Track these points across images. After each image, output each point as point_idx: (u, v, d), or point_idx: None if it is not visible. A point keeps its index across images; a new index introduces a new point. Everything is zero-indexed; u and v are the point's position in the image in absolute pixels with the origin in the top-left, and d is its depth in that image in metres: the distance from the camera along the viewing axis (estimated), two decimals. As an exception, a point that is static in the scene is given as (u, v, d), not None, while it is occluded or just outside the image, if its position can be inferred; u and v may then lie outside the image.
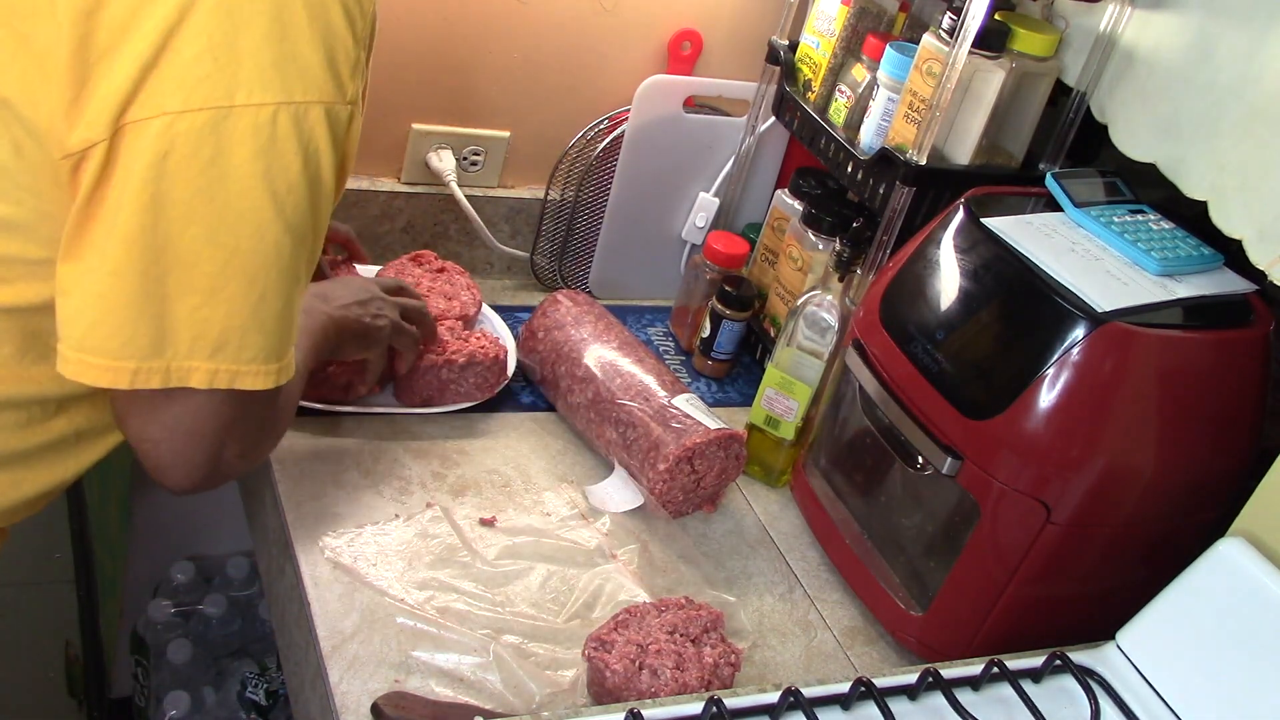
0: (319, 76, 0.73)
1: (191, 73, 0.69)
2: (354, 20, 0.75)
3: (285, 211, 0.73)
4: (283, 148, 0.72)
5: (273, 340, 0.77)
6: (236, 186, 0.71)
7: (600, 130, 1.42)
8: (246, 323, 0.75)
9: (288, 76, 0.71)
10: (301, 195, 0.74)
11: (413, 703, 0.88)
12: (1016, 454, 0.92)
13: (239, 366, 0.76)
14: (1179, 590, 0.88)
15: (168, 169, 0.69)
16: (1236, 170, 0.99)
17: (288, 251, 0.75)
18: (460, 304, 1.27)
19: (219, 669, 1.57)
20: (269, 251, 0.74)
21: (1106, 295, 0.92)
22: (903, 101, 1.16)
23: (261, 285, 0.75)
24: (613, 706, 0.77)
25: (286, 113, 0.71)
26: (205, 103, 0.69)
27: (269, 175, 0.72)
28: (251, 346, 0.76)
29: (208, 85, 0.69)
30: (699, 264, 1.40)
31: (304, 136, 0.72)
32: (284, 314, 0.77)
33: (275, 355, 0.78)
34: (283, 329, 0.78)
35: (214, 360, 0.75)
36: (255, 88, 0.70)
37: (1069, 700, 0.86)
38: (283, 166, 0.72)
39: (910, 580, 1.06)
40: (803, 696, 0.78)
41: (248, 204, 0.72)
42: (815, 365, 1.18)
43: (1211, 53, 1.02)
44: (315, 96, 0.72)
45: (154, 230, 0.71)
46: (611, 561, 1.08)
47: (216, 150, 0.70)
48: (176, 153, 0.69)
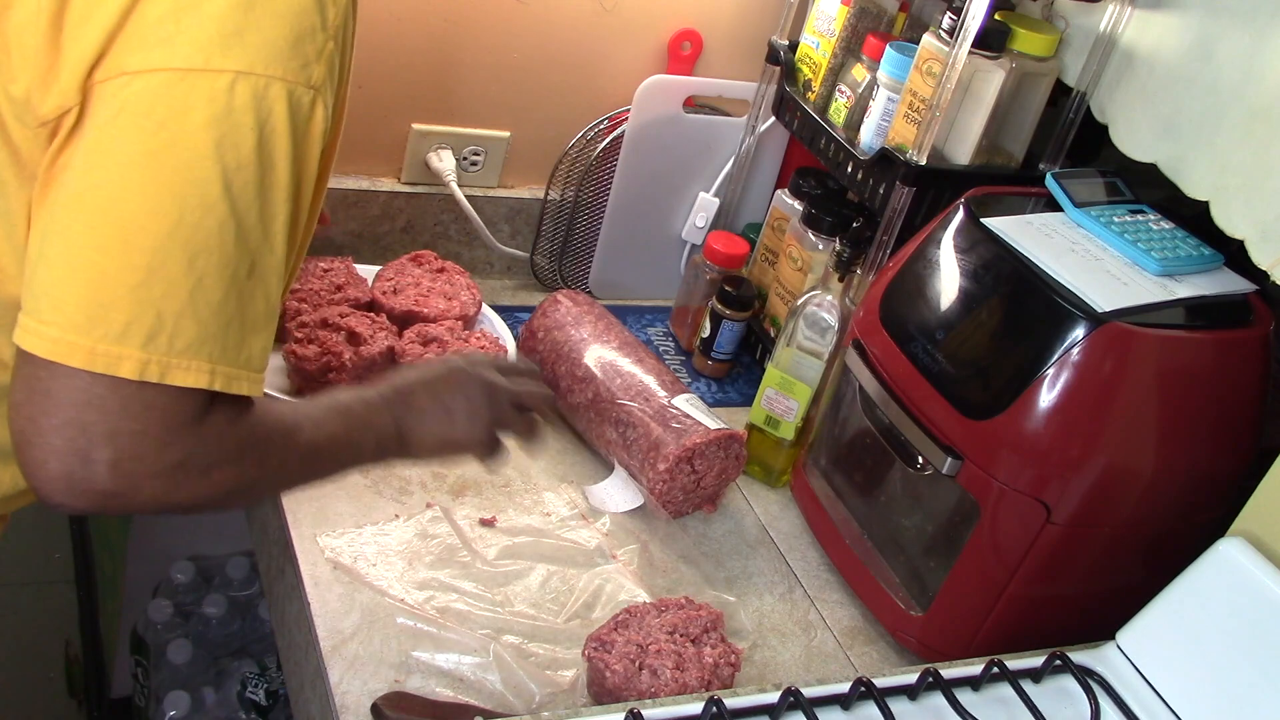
0: (283, 51, 0.70)
1: (154, 33, 0.67)
2: (325, 5, 0.72)
3: (233, 189, 0.69)
4: (238, 119, 0.68)
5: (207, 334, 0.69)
6: (186, 154, 0.67)
7: (600, 130, 1.42)
8: (182, 308, 0.68)
9: (250, 47, 0.68)
10: (251, 175, 0.69)
11: (413, 703, 0.88)
12: (1016, 454, 0.92)
13: (170, 358, 0.68)
14: (1179, 590, 0.88)
15: (118, 128, 0.67)
16: (1238, 170, 0.99)
17: (230, 237, 0.69)
18: (460, 304, 1.27)
19: (219, 669, 1.57)
20: (212, 230, 0.69)
21: (1106, 295, 0.92)
22: (903, 101, 1.16)
23: (200, 268, 0.68)
24: (613, 706, 0.77)
25: (245, 83, 0.68)
26: (162, 64, 0.67)
27: (220, 146, 0.68)
28: (184, 335, 0.68)
29: (166, 47, 0.67)
30: (699, 264, 1.40)
31: (261, 112, 0.69)
32: (223, 309, 0.70)
33: (209, 354, 0.70)
34: (219, 327, 0.70)
35: (147, 349, 0.67)
36: (215, 54, 0.67)
37: (1069, 700, 0.86)
38: (235, 141, 0.68)
39: (910, 580, 1.06)
40: (803, 696, 0.78)
41: (196, 174, 0.68)
42: (815, 365, 1.18)
43: (1212, 53, 1.02)
44: (278, 72, 0.69)
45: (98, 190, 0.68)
46: (612, 561, 1.08)
47: (169, 112, 0.67)
48: (127, 111, 0.67)
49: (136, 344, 0.67)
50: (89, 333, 0.66)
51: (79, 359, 0.66)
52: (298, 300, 1.20)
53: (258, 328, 0.73)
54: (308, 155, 0.74)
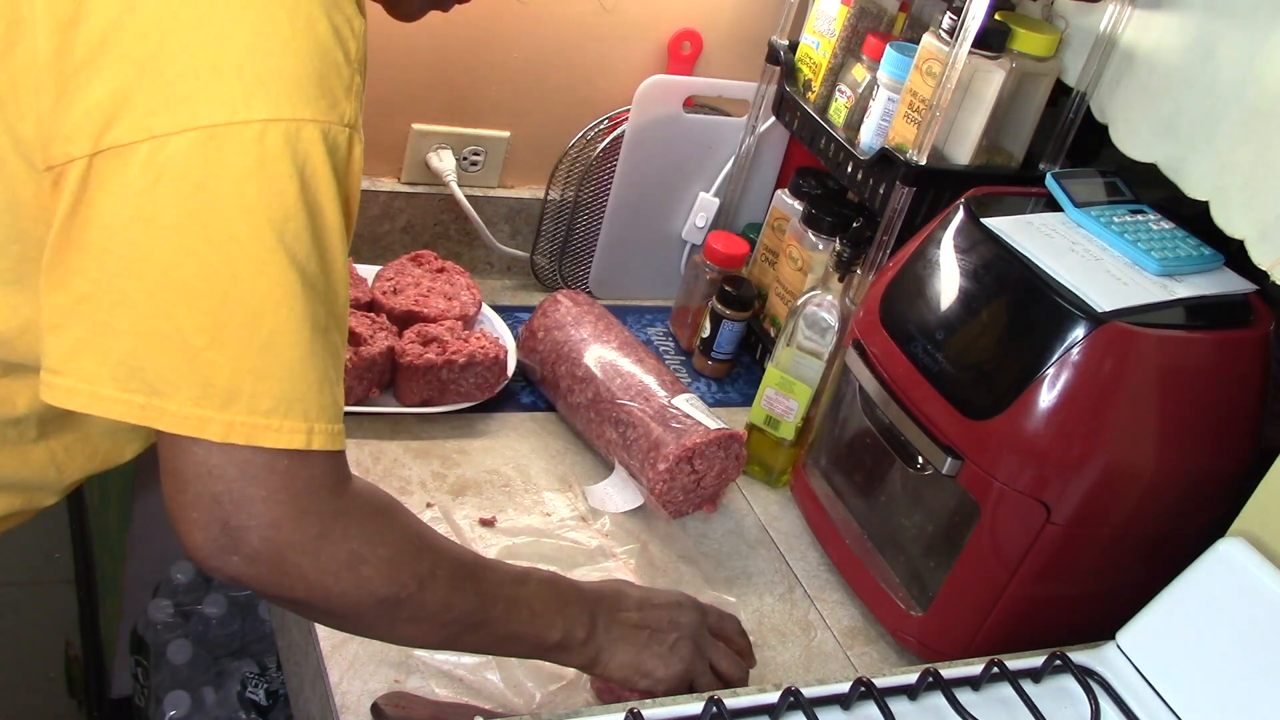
0: (309, 93, 0.67)
1: (176, 91, 0.65)
2: (344, 39, 0.70)
3: (286, 242, 0.67)
4: (274, 169, 0.66)
5: (295, 392, 0.68)
6: (229, 210, 0.66)
7: (600, 130, 1.42)
8: (257, 367, 0.67)
9: (274, 93, 0.66)
10: (302, 224, 0.68)
11: (413, 703, 0.88)
12: (1016, 454, 0.92)
13: (256, 419, 0.67)
14: (1179, 590, 0.88)
15: (159, 194, 0.66)
16: (1238, 170, 0.99)
17: (297, 290, 0.67)
18: (460, 304, 1.27)
19: (219, 669, 1.57)
20: (273, 286, 0.67)
21: (1106, 295, 0.92)
22: (903, 101, 1.16)
23: (270, 325, 0.67)
24: (613, 706, 0.77)
25: (276, 130, 0.66)
26: (189, 123, 0.65)
27: (262, 198, 0.66)
28: (267, 396, 0.67)
29: (191, 105, 0.65)
30: (699, 264, 1.40)
31: (297, 158, 0.67)
32: (305, 365, 0.68)
33: (303, 413, 0.68)
34: (310, 384, 0.69)
35: (228, 411, 0.67)
36: (240, 105, 0.65)
37: (1069, 700, 0.86)
38: (276, 190, 0.67)
39: (910, 580, 1.06)
40: (803, 696, 0.78)
41: (242, 230, 0.66)
42: (815, 365, 1.18)
43: (1212, 53, 1.02)
44: (307, 114, 0.67)
45: (150, 259, 0.66)
46: (612, 560, 1.07)
47: (205, 172, 0.65)
48: (166, 176, 0.65)
49: (216, 406, 0.66)
50: (170, 397, 0.66)
51: (165, 423, 0.67)
52: None
53: (342, 375, 0.72)
54: (352, 193, 0.72)
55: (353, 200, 0.72)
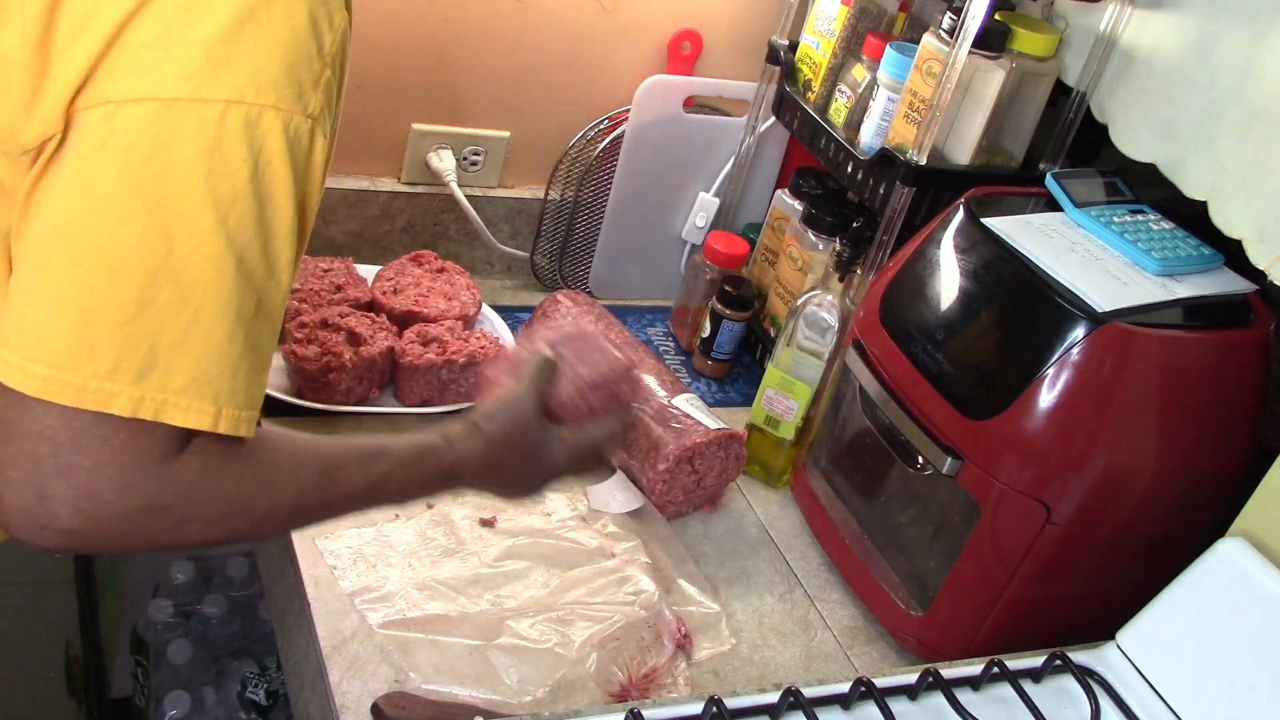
0: (276, 79, 0.67)
1: (140, 60, 0.65)
2: (320, 32, 0.69)
3: (228, 224, 0.66)
4: (229, 150, 0.65)
5: (209, 374, 0.67)
6: (175, 186, 0.65)
7: (600, 130, 1.42)
8: (175, 344, 0.65)
9: (241, 74, 0.66)
10: (247, 209, 0.67)
11: (413, 703, 0.88)
12: (1016, 454, 0.92)
13: (166, 396, 0.65)
14: (1179, 590, 0.88)
15: (104, 160, 0.64)
16: (1236, 170, 0.99)
17: (230, 274, 0.66)
18: (460, 304, 1.27)
19: (219, 669, 1.57)
20: (206, 266, 0.66)
21: (1106, 295, 0.92)
22: (903, 101, 1.16)
23: (196, 305, 0.66)
24: (613, 706, 0.77)
25: (236, 113, 0.65)
26: (148, 93, 0.64)
27: (211, 178, 0.65)
28: (181, 373, 0.66)
29: (153, 75, 0.64)
30: (699, 264, 1.40)
31: (254, 143, 0.66)
32: (224, 349, 0.67)
33: (214, 395, 0.67)
34: (224, 368, 0.67)
35: (139, 386, 0.65)
36: (204, 82, 0.65)
37: (1069, 700, 0.86)
38: (228, 172, 0.66)
39: (910, 580, 1.06)
40: (803, 696, 0.78)
41: (185, 206, 0.65)
42: (815, 365, 1.18)
43: (1211, 53, 1.02)
44: (271, 100, 0.67)
45: (81, 224, 0.65)
46: (612, 558, 1.07)
47: (156, 144, 0.64)
48: (113, 143, 0.64)
49: (127, 380, 0.64)
50: (77, 370, 0.64)
51: (68, 397, 0.64)
52: (298, 300, 1.20)
53: (265, 367, 0.71)
54: (310, 187, 0.71)
55: (311, 194, 0.71)
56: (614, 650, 0.96)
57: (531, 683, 0.92)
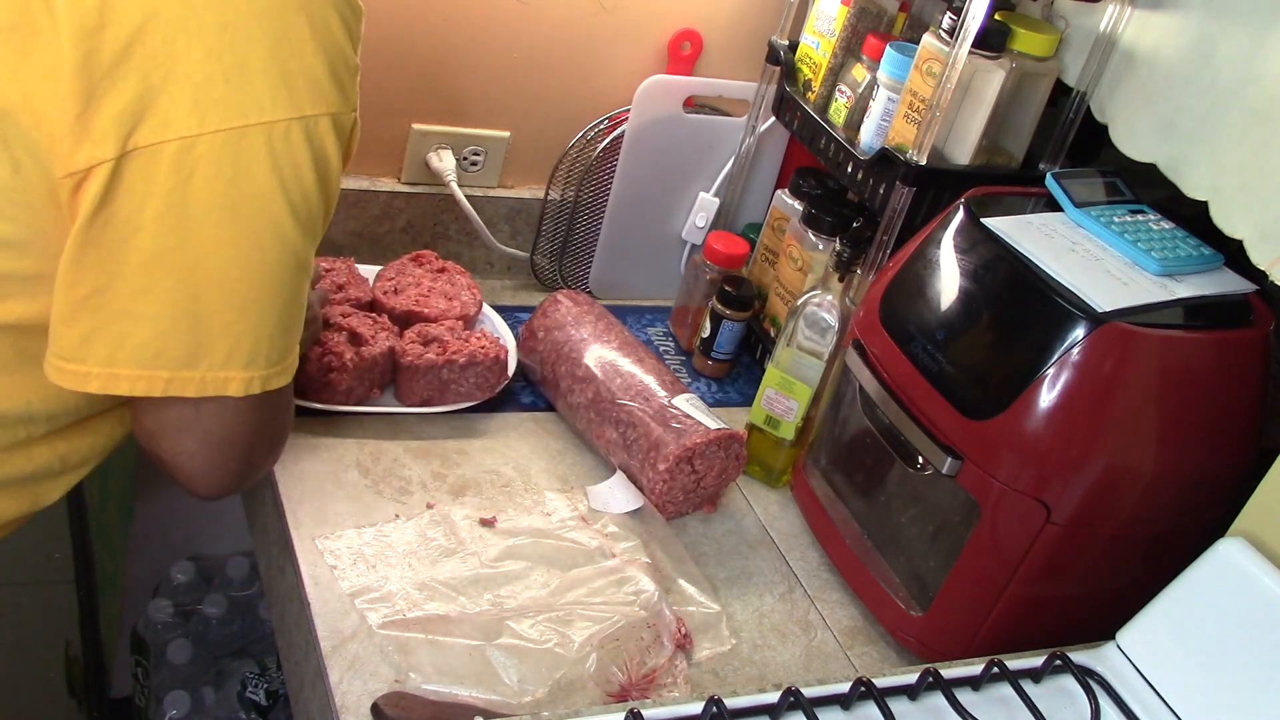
0: (326, 89, 0.75)
1: (206, 95, 0.71)
2: (351, 29, 0.77)
3: (300, 218, 0.77)
4: (297, 159, 0.75)
5: (289, 338, 0.81)
6: (258, 202, 0.74)
7: (600, 130, 1.42)
8: (274, 329, 0.78)
9: (296, 91, 0.74)
10: (315, 201, 0.77)
11: (413, 703, 0.88)
12: (1016, 454, 0.92)
13: (270, 370, 0.79)
14: (1179, 590, 0.88)
15: (192, 191, 0.72)
16: (1237, 170, 0.99)
17: (304, 254, 0.79)
18: (461, 304, 1.27)
19: (219, 669, 1.57)
20: (289, 258, 0.77)
21: (1106, 295, 0.92)
22: (903, 101, 1.16)
23: (287, 290, 0.78)
24: (613, 706, 0.77)
25: (298, 127, 0.74)
26: (221, 124, 0.71)
27: (285, 187, 0.75)
28: (279, 349, 0.80)
29: (222, 107, 0.71)
30: (699, 264, 1.40)
31: (315, 147, 0.76)
32: (297, 310, 0.81)
33: (289, 350, 0.81)
34: (295, 324, 0.82)
35: (249, 369, 0.78)
36: (267, 105, 0.73)
37: (1069, 700, 0.86)
38: (298, 178, 0.75)
39: (910, 580, 1.06)
40: (803, 696, 0.78)
41: (269, 217, 0.75)
42: (815, 365, 1.18)
43: (1211, 53, 1.02)
44: (324, 109, 0.75)
45: (182, 250, 0.73)
46: (613, 558, 1.07)
47: (235, 169, 0.72)
48: (199, 174, 0.72)
49: (238, 367, 0.77)
50: (195, 367, 0.76)
51: (191, 389, 0.76)
52: None
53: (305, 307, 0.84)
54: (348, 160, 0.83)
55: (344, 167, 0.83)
56: (614, 650, 0.96)
57: (531, 682, 0.92)
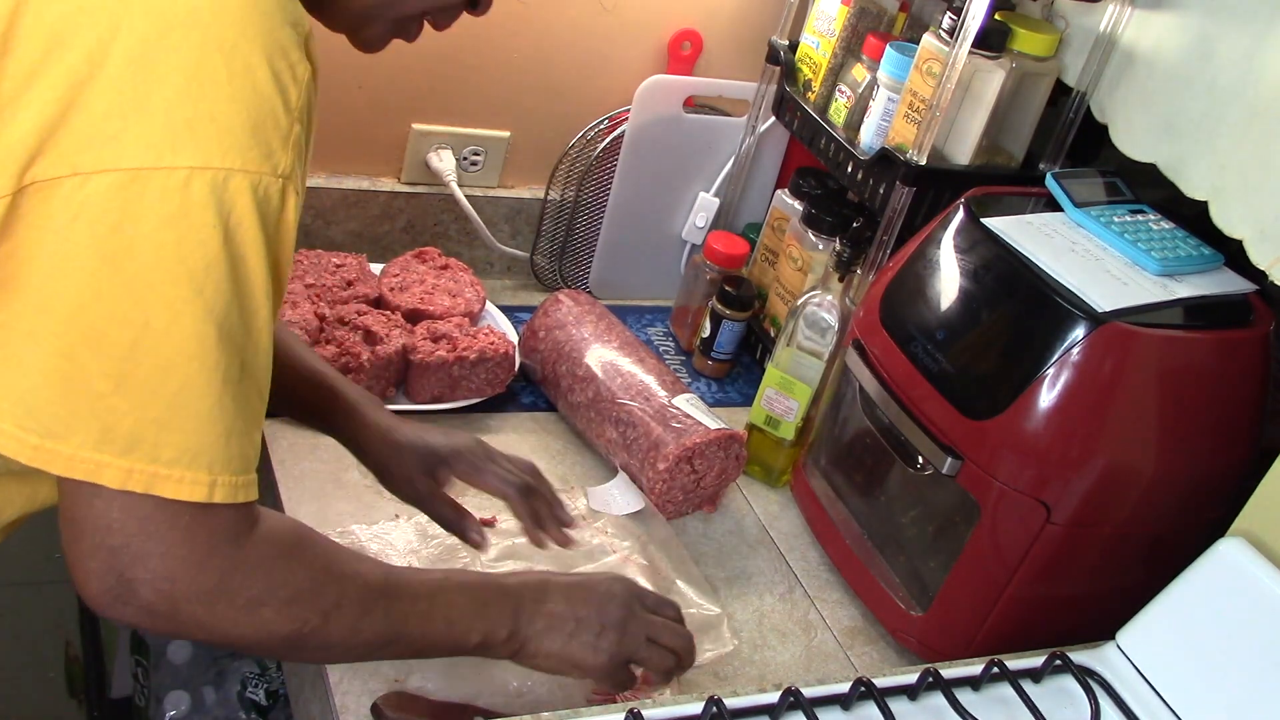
0: (241, 141, 0.64)
1: (101, 129, 0.62)
2: (284, 86, 0.66)
3: (205, 294, 0.65)
4: (197, 218, 0.64)
5: (201, 444, 0.66)
6: (145, 257, 0.63)
7: (600, 130, 1.42)
8: (161, 417, 0.65)
9: (204, 138, 0.63)
10: (222, 275, 0.65)
11: (413, 703, 0.88)
12: (1016, 454, 0.92)
13: (156, 468, 0.65)
14: (1179, 590, 0.88)
15: (75, 233, 0.63)
16: (1237, 170, 0.99)
17: (212, 343, 0.65)
18: (465, 300, 1.27)
19: (219, 669, 1.57)
20: (186, 337, 0.65)
21: (1106, 295, 0.92)
22: (903, 101, 1.16)
23: (180, 376, 0.65)
24: (613, 706, 0.77)
25: (202, 179, 0.63)
26: (113, 163, 0.62)
27: (181, 247, 0.64)
28: (170, 446, 0.65)
29: (115, 145, 0.62)
30: (699, 264, 1.40)
31: (223, 208, 0.64)
32: (214, 418, 0.66)
33: (208, 465, 0.66)
34: (216, 436, 0.67)
35: (127, 458, 0.65)
36: (166, 150, 0.63)
37: (1069, 700, 0.86)
38: (198, 239, 0.64)
39: (910, 580, 1.06)
40: (803, 696, 0.78)
41: (157, 277, 0.64)
42: (815, 365, 1.18)
43: (1211, 53, 1.02)
44: (237, 164, 0.64)
45: (62, 297, 0.64)
46: (613, 555, 1.07)
47: (123, 215, 0.63)
48: (84, 216, 0.63)
49: (115, 452, 0.64)
50: (66, 440, 0.64)
51: (59, 466, 0.64)
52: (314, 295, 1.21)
53: (257, 427, 0.70)
54: (283, 247, 0.69)
55: (284, 253, 0.70)
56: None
57: (532, 680, 0.92)
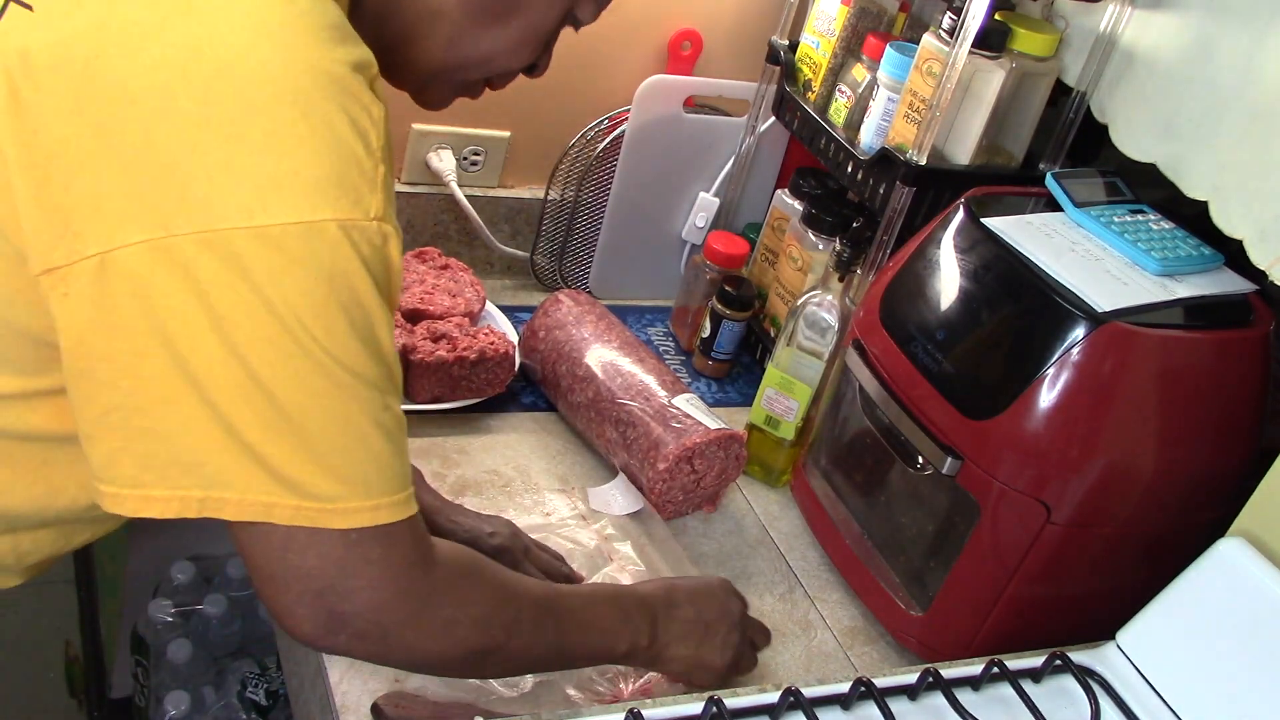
0: (329, 193, 0.65)
1: (192, 193, 0.62)
2: (364, 131, 0.67)
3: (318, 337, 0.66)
4: (298, 271, 0.64)
5: (354, 473, 0.69)
6: (258, 313, 0.64)
7: (600, 130, 1.42)
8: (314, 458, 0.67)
9: (291, 194, 0.64)
10: (336, 318, 0.66)
11: (413, 703, 0.88)
12: (1016, 454, 0.92)
13: (321, 504, 0.67)
14: (1179, 590, 0.88)
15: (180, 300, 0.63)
16: (1236, 170, 0.99)
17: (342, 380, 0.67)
18: (465, 300, 1.27)
19: (219, 669, 1.57)
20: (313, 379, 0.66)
21: (1106, 295, 0.92)
22: (903, 101, 1.16)
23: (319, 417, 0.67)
24: (612, 706, 0.77)
25: (295, 232, 0.64)
26: (205, 226, 0.63)
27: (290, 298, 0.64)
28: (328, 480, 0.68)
29: (206, 210, 0.63)
30: (699, 264, 1.40)
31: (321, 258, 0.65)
32: (363, 448, 0.69)
33: (365, 491, 0.69)
34: (368, 463, 0.69)
35: (293, 496, 0.67)
36: (256, 208, 0.63)
37: (1069, 700, 0.86)
38: (302, 290, 0.65)
39: (910, 580, 1.06)
40: (803, 696, 0.78)
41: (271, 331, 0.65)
42: (815, 365, 1.18)
43: (1212, 53, 1.02)
44: (328, 214, 0.64)
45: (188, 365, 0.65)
46: (610, 563, 1.07)
47: (228, 274, 0.63)
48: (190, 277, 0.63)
49: (279, 493, 0.67)
50: (231, 488, 0.66)
51: (229, 512, 0.67)
52: None
53: (403, 445, 0.72)
54: (393, 286, 0.70)
55: (395, 288, 0.71)
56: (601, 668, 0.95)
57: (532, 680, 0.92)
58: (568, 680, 0.93)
